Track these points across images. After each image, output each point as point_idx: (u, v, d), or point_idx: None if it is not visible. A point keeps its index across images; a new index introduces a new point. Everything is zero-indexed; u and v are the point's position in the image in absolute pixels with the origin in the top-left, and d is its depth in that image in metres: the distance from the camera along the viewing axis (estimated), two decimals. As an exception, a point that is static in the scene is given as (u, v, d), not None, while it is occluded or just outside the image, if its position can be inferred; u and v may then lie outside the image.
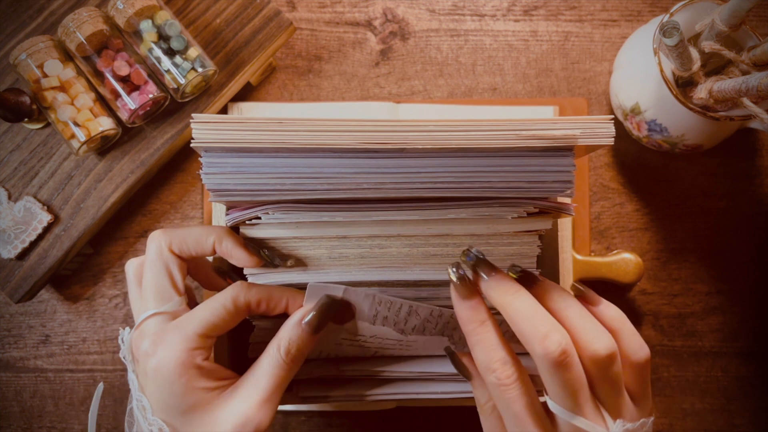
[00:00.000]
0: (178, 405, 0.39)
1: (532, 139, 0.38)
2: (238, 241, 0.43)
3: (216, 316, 0.40)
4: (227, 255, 0.43)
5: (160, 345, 0.39)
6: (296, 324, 0.42)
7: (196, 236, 0.42)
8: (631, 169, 0.63)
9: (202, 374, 0.39)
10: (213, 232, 0.42)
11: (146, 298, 0.42)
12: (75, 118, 0.54)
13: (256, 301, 0.41)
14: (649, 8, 0.64)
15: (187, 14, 0.59)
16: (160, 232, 0.42)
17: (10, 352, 0.62)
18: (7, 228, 0.56)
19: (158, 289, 0.41)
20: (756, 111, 0.48)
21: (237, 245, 0.42)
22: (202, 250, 0.43)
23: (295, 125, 0.37)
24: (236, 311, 0.41)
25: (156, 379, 0.39)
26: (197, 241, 0.42)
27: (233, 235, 0.43)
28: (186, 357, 0.39)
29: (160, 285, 0.41)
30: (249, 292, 0.41)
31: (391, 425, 0.61)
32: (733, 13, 0.49)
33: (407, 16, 0.64)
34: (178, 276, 0.42)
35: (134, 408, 0.40)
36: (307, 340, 0.42)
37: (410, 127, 0.37)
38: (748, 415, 0.61)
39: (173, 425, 0.39)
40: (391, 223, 0.43)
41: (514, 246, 0.45)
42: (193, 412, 0.39)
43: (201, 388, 0.39)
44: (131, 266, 0.44)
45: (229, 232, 0.43)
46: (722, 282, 0.62)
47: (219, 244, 0.42)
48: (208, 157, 0.39)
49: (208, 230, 0.43)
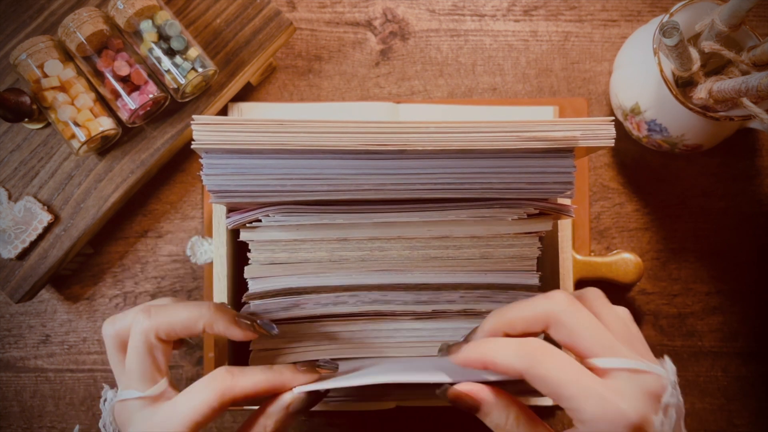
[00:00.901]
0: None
1: (532, 141, 0.38)
2: (230, 318, 0.41)
3: (200, 414, 0.38)
4: (221, 335, 0.42)
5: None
6: (283, 408, 0.40)
7: (183, 321, 0.40)
8: (631, 169, 0.63)
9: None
10: (202, 315, 0.40)
11: (130, 377, 0.40)
12: (75, 118, 0.54)
13: (243, 396, 0.39)
14: (649, 8, 0.64)
15: (188, 14, 0.59)
16: (143, 315, 0.40)
17: (10, 352, 0.62)
18: (7, 228, 0.56)
19: (143, 373, 0.40)
20: (756, 111, 0.48)
21: (230, 323, 0.41)
22: (191, 334, 0.41)
23: (296, 126, 0.37)
24: (222, 407, 0.39)
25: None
26: (186, 326, 0.40)
27: (223, 311, 0.41)
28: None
29: (144, 370, 0.40)
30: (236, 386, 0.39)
31: (391, 425, 0.61)
32: (733, 13, 0.49)
33: (407, 16, 0.64)
34: (162, 360, 0.41)
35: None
36: (291, 422, 0.41)
37: (411, 129, 0.38)
38: (748, 415, 0.62)
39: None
40: (391, 225, 0.43)
41: (515, 248, 0.45)
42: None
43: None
44: (111, 329, 0.42)
45: (218, 310, 0.41)
46: (722, 282, 0.62)
47: (210, 328, 0.41)
48: (209, 159, 0.39)
49: (197, 313, 0.41)
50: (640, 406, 0.34)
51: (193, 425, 0.38)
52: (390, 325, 0.47)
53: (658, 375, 0.36)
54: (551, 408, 0.61)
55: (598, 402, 0.34)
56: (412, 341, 0.47)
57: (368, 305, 0.46)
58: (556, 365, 0.35)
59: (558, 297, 0.38)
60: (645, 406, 0.34)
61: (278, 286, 0.45)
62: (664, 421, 0.35)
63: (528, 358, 0.36)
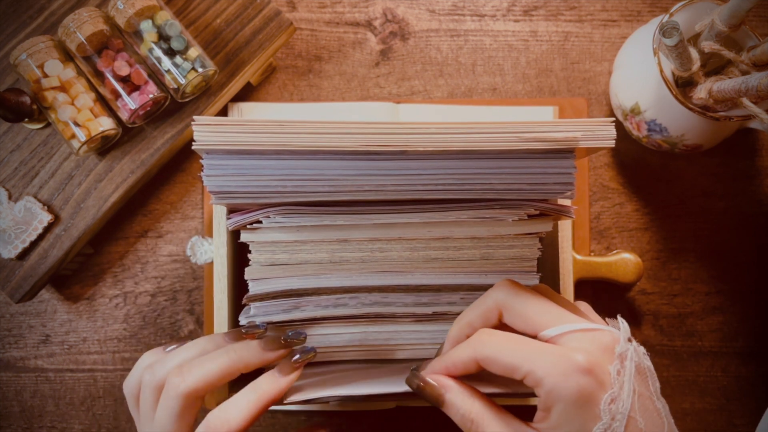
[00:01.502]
0: None
1: (533, 142, 0.38)
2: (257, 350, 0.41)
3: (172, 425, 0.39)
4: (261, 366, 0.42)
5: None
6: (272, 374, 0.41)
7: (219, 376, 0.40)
8: (631, 169, 0.63)
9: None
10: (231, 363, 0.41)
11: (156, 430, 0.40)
12: (75, 118, 0.54)
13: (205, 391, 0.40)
14: (648, 8, 0.64)
15: (188, 14, 0.59)
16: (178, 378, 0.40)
17: (10, 352, 0.62)
18: (7, 228, 0.56)
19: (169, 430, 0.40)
20: (756, 111, 0.48)
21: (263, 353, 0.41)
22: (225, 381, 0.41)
23: (297, 127, 0.37)
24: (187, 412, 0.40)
25: None
26: (221, 377, 0.40)
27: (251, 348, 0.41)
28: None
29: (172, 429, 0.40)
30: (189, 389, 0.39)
31: (391, 425, 0.61)
32: (732, 13, 0.49)
33: (407, 16, 0.64)
34: (191, 417, 0.41)
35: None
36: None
37: (411, 130, 0.38)
38: (748, 415, 0.62)
39: None
40: (391, 226, 0.43)
41: (515, 248, 0.45)
42: None
43: None
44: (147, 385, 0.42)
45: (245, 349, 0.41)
46: (722, 282, 0.62)
47: (247, 368, 0.41)
48: (210, 159, 0.39)
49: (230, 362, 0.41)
50: (592, 354, 0.34)
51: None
52: (390, 327, 0.47)
53: (610, 332, 0.36)
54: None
55: (548, 359, 0.34)
56: (413, 343, 0.47)
57: (368, 307, 0.46)
58: (498, 341, 0.36)
59: (503, 284, 0.39)
60: (597, 354, 0.34)
61: (279, 287, 0.45)
62: (621, 369, 0.34)
63: (473, 344, 0.37)
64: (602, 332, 0.36)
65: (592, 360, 0.34)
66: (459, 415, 0.37)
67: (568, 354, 0.34)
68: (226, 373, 0.40)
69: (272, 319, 0.45)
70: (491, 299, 0.38)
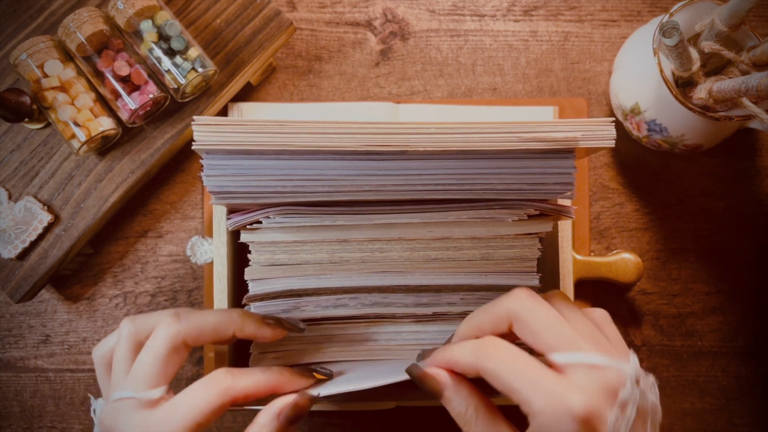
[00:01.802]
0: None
1: (533, 142, 0.38)
2: (258, 320, 0.42)
3: (201, 415, 0.38)
4: (251, 337, 0.42)
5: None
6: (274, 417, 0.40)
7: (214, 325, 0.40)
8: (631, 169, 0.63)
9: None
10: (233, 321, 0.41)
11: (134, 378, 0.39)
12: (75, 118, 0.54)
13: (243, 397, 0.39)
14: (648, 8, 0.64)
15: (188, 14, 0.59)
16: (173, 319, 0.40)
17: (10, 352, 0.62)
18: (7, 228, 0.56)
19: (149, 375, 0.39)
20: (756, 111, 0.48)
21: (260, 326, 0.41)
22: (220, 339, 0.41)
23: (297, 127, 0.37)
24: (222, 407, 0.38)
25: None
26: (216, 333, 0.41)
27: (252, 318, 0.42)
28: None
29: (153, 372, 0.39)
30: (236, 386, 0.39)
31: (391, 425, 0.61)
32: (732, 14, 0.49)
33: (407, 17, 0.64)
34: (174, 368, 0.40)
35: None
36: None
37: (411, 130, 0.38)
38: (748, 415, 0.62)
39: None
40: (392, 226, 0.43)
41: (515, 249, 0.45)
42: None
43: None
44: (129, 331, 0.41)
45: (246, 314, 0.42)
46: (722, 282, 0.62)
47: (241, 331, 0.41)
48: (210, 159, 0.39)
49: (227, 318, 0.41)
50: (592, 400, 0.33)
51: (194, 425, 0.38)
52: (390, 327, 0.47)
53: (618, 370, 0.34)
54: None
55: (545, 394, 0.33)
56: (413, 344, 0.47)
57: (368, 308, 0.46)
58: (504, 358, 0.35)
59: (519, 294, 0.37)
60: (598, 401, 0.33)
61: (278, 287, 0.45)
62: (620, 417, 0.33)
63: (478, 352, 0.36)
64: (611, 371, 0.34)
65: (591, 408, 0.33)
66: (454, 413, 0.37)
67: (567, 396, 0.33)
68: (221, 327, 0.40)
69: None
70: (503, 308, 0.37)
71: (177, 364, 0.40)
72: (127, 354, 0.41)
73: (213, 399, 0.38)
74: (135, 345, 0.41)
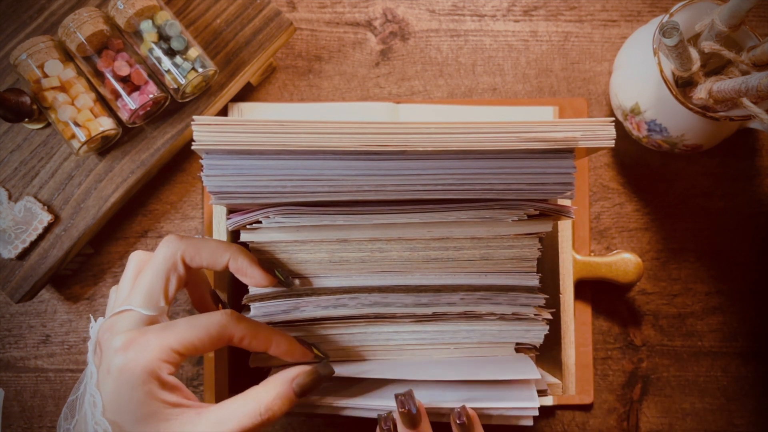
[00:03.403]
0: (133, 410, 0.37)
1: (532, 142, 0.38)
2: (253, 260, 0.43)
3: (197, 337, 0.39)
4: (241, 272, 0.43)
5: (134, 345, 0.38)
6: (287, 381, 0.41)
7: (211, 250, 0.42)
8: (631, 169, 0.63)
9: (166, 387, 0.38)
10: (229, 248, 0.42)
11: (135, 293, 0.40)
12: (75, 118, 0.54)
13: (240, 337, 0.40)
14: (648, 8, 0.64)
15: (188, 14, 0.59)
16: (175, 237, 0.42)
17: (10, 352, 0.62)
18: (7, 228, 0.56)
19: (150, 291, 0.40)
20: (756, 111, 0.48)
21: (252, 264, 0.42)
22: (214, 264, 0.42)
23: (296, 127, 0.37)
24: (218, 339, 0.39)
25: (119, 379, 0.37)
26: (212, 255, 0.42)
27: (248, 254, 0.43)
28: (156, 365, 0.37)
29: (154, 287, 0.40)
30: (237, 326, 0.40)
31: (392, 425, 0.61)
32: (732, 14, 0.49)
33: (407, 17, 0.64)
34: (174, 285, 0.41)
35: (85, 403, 0.39)
36: (291, 402, 0.41)
37: (411, 130, 0.38)
38: (748, 415, 0.62)
39: (122, 430, 0.37)
40: (391, 226, 0.44)
41: (515, 249, 0.45)
42: (148, 422, 0.37)
43: (162, 400, 0.38)
44: (135, 258, 0.43)
45: (244, 251, 0.43)
46: (722, 282, 0.62)
47: (234, 261, 0.42)
48: (210, 159, 0.39)
49: (224, 246, 0.42)
50: None
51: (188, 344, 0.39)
52: (390, 327, 0.47)
53: None
54: (551, 408, 0.61)
55: None
56: (413, 344, 0.47)
57: (368, 308, 0.46)
58: None
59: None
60: None
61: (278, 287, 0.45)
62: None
63: None
64: None
65: None
66: None
67: None
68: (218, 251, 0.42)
69: (272, 319, 0.45)
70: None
71: (176, 283, 0.41)
72: (131, 275, 0.43)
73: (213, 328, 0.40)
74: (139, 271, 0.43)
